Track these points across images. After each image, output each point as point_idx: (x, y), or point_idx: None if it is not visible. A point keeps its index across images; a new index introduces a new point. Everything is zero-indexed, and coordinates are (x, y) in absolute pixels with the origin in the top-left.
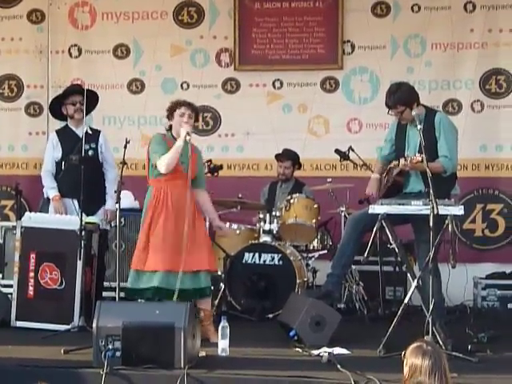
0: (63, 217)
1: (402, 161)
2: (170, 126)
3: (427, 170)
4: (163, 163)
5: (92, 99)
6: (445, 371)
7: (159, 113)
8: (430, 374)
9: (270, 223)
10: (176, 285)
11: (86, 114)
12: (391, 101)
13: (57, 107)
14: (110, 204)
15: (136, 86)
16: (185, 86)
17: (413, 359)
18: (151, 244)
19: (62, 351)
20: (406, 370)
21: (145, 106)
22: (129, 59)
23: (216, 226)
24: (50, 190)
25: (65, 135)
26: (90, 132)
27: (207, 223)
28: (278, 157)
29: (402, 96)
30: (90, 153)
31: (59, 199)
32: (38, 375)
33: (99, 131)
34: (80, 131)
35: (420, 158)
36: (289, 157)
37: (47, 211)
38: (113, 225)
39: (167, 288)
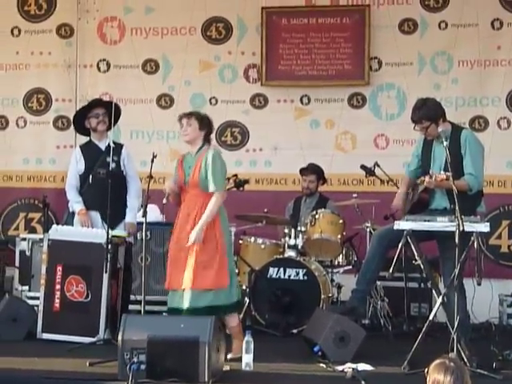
0: (90, 230)
1: (426, 178)
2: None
3: (453, 187)
4: None
5: (115, 112)
6: None
7: None
8: None
9: (295, 238)
10: (179, 303)
11: (110, 127)
12: (416, 116)
13: (81, 122)
14: (129, 217)
15: (165, 101)
16: (213, 101)
17: (435, 375)
18: None
19: (88, 364)
20: None
21: (174, 120)
22: (158, 74)
23: None
24: (76, 203)
25: (88, 149)
26: (113, 145)
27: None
28: (303, 171)
29: (427, 111)
30: (113, 166)
31: (85, 213)
32: None
33: (122, 145)
34: (103, 144)
35: (445, 176)
36: (313, 171)
37: (72, 225)
38: (138, 238)
39: (173, 307)
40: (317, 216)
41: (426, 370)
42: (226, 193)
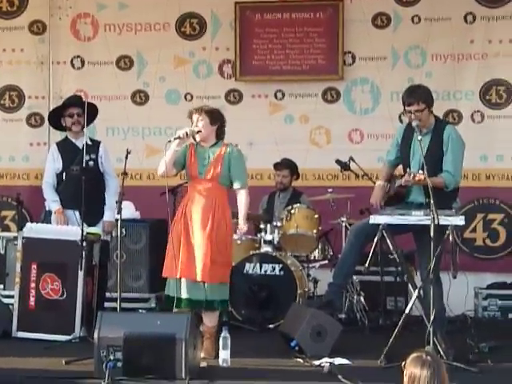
0: (64, 227)
1: (405, 177)
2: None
3: (429, 183)
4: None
5: (91, 111)
6: (443, 382)
7: (163, 123)
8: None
9: (271, 233)
10: (180, 293)
11: (85, 126)
12: (413, 97)
13: (56, 119)
14: (107, 215)
15: (140, 98)
16: (188, 97)
17: (412, 369)
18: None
19: (64, 362)
20: (405, 380)
21: (149, 117)
22: (132, 70)
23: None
24: (52, 202)
25: (65, 147)
26: (90, 143)
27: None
28: (276, 166)
29: (424, 93)
30: (91, 163)
31: (62, 212)
32: None
33: (99, 142)
34: (80, 142)
35: (423, 177)
36: (286, 166)
37: (49, 223)
38: (113, 235)
39: (169, 295)
40: (292, 211)
41: (403, 363)
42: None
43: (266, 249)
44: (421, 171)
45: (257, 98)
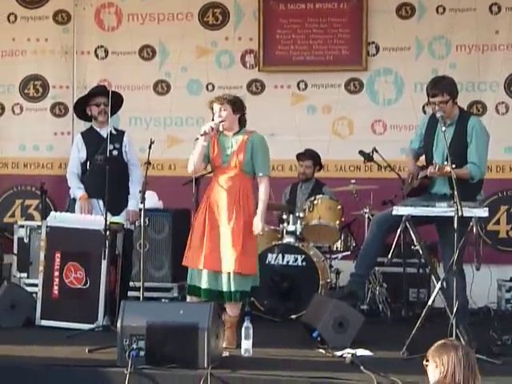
0: (88, 216)
1: (430, 169)
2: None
3: (453, 175)
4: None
5: (117, 101)
6: (474, 361)
7: (185, 114)
8: (467, 365)
9: (294, 224)
10: (200, 283)
11: (111, 116)
12: (438, 88)
13: (81, 108)
14: (132, 204)
15: (162, 88)
16: (210, 87)
17: (444, 357)
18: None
19: (87, 350)
20: (439, 370)
21: (170, 107)
22: (154, 60)
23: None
24: (77, 189)
25: (89, 136)
26: (115, 132)
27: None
28: (299, 156)
29: (448, 85)
30: (115, 153)
31: (86, 199)
32: (62, 374)
33: (123, 132)
34: (104, 132)
35: (449, 169)
36: (309, 156)
37: (74, 211)
38: (137, 225)
39: (194, 285)
40: (315, 202)
41: (424, 359)
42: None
43: (288, 239)
44: (446, 163)
45: (279, 89)
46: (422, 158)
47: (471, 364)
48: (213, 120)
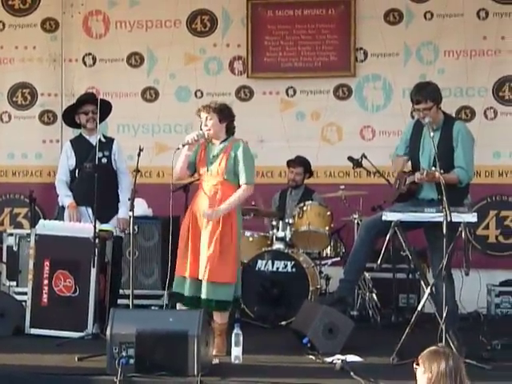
0: (77, 224)
1: (417, 174)
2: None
3: (442, 180)
4: None
5: (105, 108)
6: (463, 373)
7: (173, 121)
8: (455, 375)
9: (283, 230)
10: (184, 291)
11: (99, 123)
12: (422, 94)
13: (70, 116)
14: (122, 212)
15: (150, 95)
16: (199, 94)
17: (433, 364)
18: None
19: (76, 358)
20: (427, 375)
21: (159, 114)
22: (143, 68)
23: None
24: (65, 197)
25: (79, 144)
26: (104, 140)
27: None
28: (290, 163)
29: (432, 91)
30: (104, 161)
31: (75, 207)
32: (52, 383)
33: (113, 139)
34: (94, 139)
35: (436, 174)
36: (300, 163)
37: (63, 219)
38: (126, 232)
39: (179, 292)
40: (304, 208)
41: (416, 361)
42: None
43: (278, 246)
44: (433, 168)
45: (268, 95)
46: (409, 163)
47: (460, 376)
48: (201, 128)
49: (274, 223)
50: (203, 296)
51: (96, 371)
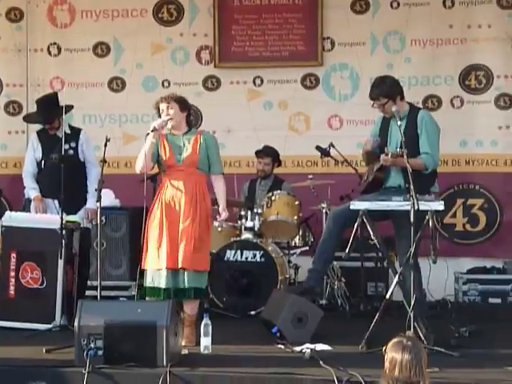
0: (43, 216)
1: (382, 156)
2: None
3: (407, 165)
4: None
5: (53, 106)
6: (423, 366)
7: (140, 111)
8: (409, 368)
9: (252, 220)
10: (160, 284)
11: (47, 123)
12: (374, 93)
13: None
14: (90, 203)
15: (117, 85)
16: (166, 83)
17: (392, 354)
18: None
19: (44, 350)
20: (386, 364)
21: (126, 104)
22: (109, 57)
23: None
24: (31, 190)
25: (45, 135)
26: (69, 131)
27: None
28: (258, 153)
29: (385, 88)
30: (70, 152)
31: (40, 200)
32: (20, 375)
33: (80, 130)
34: (60, 131)
35: (401, 153)
36: (268, 153)
37: (29, 211)
38: (93, 223)
39: (154, 287)
40: (273, 198)
41: (384, 348)
42: None
43: (246, 235)
44: (398, 149)
45: (235, 85)
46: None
47: (416, 369)
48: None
49: (243, 213)
50: (184, 285)
51: (64, 363)
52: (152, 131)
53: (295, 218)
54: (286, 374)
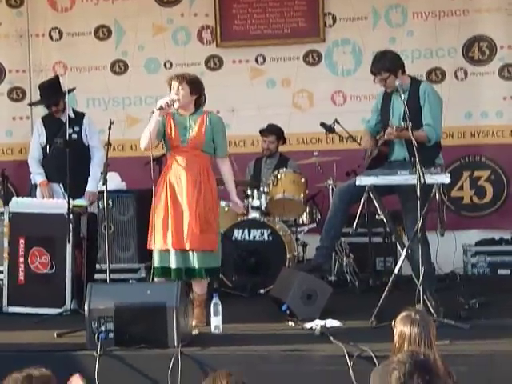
0: (50, 201)
1: (388, 129)
2: None
3: (412, 138)
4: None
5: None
6: (431, 339)
7: (143, 93)
8: (418, 341)
9: (259, 199)
10: (170, 264)
11: (52, 105)
12: (375, 67)
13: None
14: (90, 186)
15: (119, 67)
16: (168, 65)
17: (401, 327)
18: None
19: (55, 335)
20: (395, 338)
21: (129, 86)
22: (110, 40)
23: (231, 200)
24: (37, 175)
25: (49, 121)
26: (73, 116)
27: None
28: (262, 132)
29: (386, 63)
30: (74, 136)
31: (46, 184)
32: (32, 360)
33: (83, 114)
34: (64, 116)
35: (404, 126)
36: (273, 131)
37: (35, 197)
38: (100, 207)
39: (164, 266)
40: (279, 176)
41: (393, 322)
42: None
43: (253, 215)
44: (402, 122)
45: (237, 64)
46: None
47: (425, 342)
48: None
49: (249, 192)
50: (195, 265)
51: (76, 347)
52: (158, 109)
53: (302, 195)
54: (297, 350)
